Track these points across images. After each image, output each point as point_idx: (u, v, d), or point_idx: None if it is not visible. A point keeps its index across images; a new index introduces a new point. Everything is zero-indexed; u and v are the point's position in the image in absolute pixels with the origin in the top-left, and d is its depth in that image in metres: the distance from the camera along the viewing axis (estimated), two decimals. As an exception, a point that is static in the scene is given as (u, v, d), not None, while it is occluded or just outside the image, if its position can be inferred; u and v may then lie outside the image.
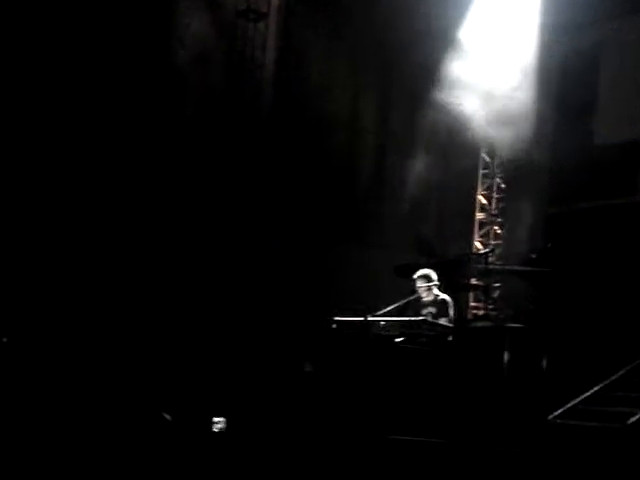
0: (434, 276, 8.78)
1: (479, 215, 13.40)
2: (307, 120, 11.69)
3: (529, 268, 10.15)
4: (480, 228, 13.35)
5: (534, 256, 10.09)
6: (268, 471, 6.66)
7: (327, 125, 11.97)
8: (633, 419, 7.91)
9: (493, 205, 13.40)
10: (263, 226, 11.11)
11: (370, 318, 8.07)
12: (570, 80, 12.22)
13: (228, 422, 7.33)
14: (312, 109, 11.77)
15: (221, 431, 7.27)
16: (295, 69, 11.78)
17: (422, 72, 12.21)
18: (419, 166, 12.71)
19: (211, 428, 7.29)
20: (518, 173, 12.91)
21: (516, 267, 10.71)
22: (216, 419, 7.28)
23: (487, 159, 13.43)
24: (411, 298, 8.61)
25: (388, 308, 8.29)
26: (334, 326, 8.25)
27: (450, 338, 8.23)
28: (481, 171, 13.44)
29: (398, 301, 8.42)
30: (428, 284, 8.72)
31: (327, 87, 12.04)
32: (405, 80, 12.52)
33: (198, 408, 7.53)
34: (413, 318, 8.12)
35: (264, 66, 11.47)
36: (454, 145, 12.72)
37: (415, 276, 8.78)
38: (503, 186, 13.37)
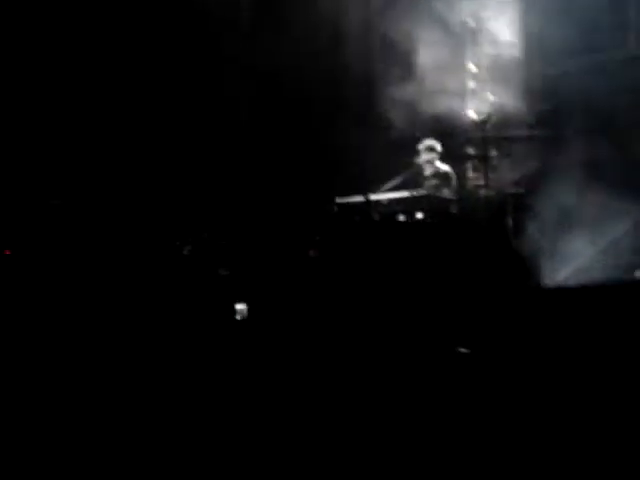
0: (438, 147, 8.67)
1: (471, 84, 13.20)
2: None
3: (526, 133, 10.08)
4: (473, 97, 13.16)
5: (532, 120, 10.00)
6: (284, 357, 6.76)
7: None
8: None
9: (484, 73, 13.17)
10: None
11: (372, 197, 8.04)
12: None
13: (249, 309, 7.39)
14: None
15: (243, 318, 7.34)
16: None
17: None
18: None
19: (233, 316, 7.36)
20: (506, 40, 12.66)
21: (514, 133, 10.62)
22: (238, 306, 7.34)
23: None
24: (410, 172, 8.57)
25: (388, 185, 8.25)
26: (336, 209, 8.23)
27: (454, 210, 8.23)
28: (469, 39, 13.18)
29: (397, 177, 8.39)
30: (433, 155, 8.62)
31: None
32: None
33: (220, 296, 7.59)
34: (416, 193, 8.09)
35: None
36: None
37: (420, 147, 8.66)
38: (492, 53, 13.12)
